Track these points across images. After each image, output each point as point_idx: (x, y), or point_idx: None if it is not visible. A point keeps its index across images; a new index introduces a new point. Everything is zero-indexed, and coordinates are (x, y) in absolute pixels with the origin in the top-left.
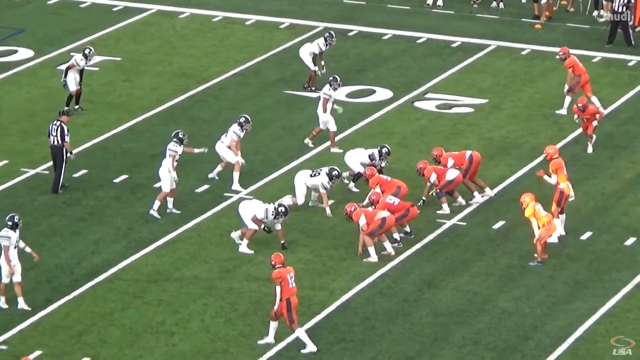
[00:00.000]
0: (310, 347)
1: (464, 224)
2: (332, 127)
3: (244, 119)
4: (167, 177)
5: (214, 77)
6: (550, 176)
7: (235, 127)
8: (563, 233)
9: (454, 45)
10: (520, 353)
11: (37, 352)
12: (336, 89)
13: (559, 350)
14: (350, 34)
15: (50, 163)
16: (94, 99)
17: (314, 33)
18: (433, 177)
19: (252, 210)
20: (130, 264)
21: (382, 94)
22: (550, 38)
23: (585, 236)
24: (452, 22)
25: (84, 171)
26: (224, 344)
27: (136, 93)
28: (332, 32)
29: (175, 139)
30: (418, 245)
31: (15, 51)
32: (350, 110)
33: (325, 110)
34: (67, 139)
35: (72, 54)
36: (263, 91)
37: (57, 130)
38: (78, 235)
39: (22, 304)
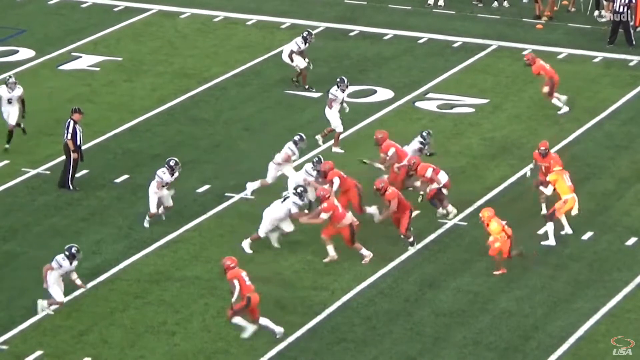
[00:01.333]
0: (249, 330)
1: (465, 224)
2: (339, 128)
3: (298, 137)
4: (152, 198)
5: (215, 78)
6: (546, 186)
7: (290, 144)
8: (553, 243)
9: (455, 45)
10: (522, 353)
11: (38, 352)
12: (344, 90)
13: (560, 350)
14: (352, 34)
15: (52, 163)
16: (94, 99)
17: (315, 33)
18: (429, 173)
19: (279, 211)
20: (132, 264)
21: (384, 94)
22: (552, 38)
23: (586, 236)
24: (453, 22)
25: (85, 171)
26: (225, 344)
27: (137, 93)
28: (310, 31)
29: (166, 166)
30: (419, 246)
31: (17, 51)
32: (351, 110)
33: (330, 109)
34: (69, 136)
35: (72, 53)
36: (264, 91)
37: (66, 127)
38: (79, 235)
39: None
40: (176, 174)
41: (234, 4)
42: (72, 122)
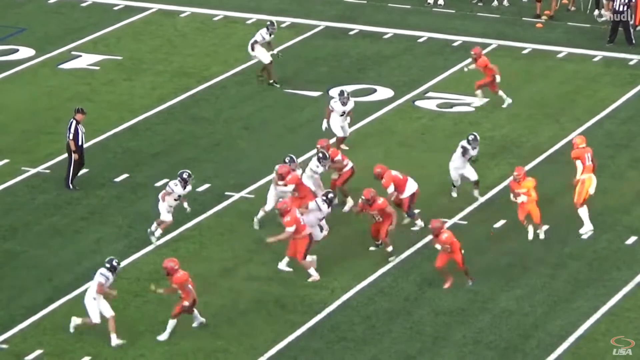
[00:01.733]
0: (165, 334)
1: (465, 222)
2: (339, 133)
3: (322, 154)
4: (162, 207)
5: (215, 76)
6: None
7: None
8: (590, 227)
9: (455, 44)
10: (522, 352)
11: (38, 351)
12: (344, 103)
13: (560, 349)
14: (351, 32)
15: (52, 162)
16: (94, 98)
17: (314, 32)
18: (391, 189)
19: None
20: (132, 262)
21: (383, 92)
22: (552, 37)
23: (586, 235)
24: (453, 21)
25: (84, 170)
26: (225, 343)
27: (137, 92)
28: (273, 21)
29: (179, 178)
30: (419, 245)
31: (17, 50)
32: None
33: (327, 119)
34: (70, 136)
35: (72, 52)
36: (264, 90)
37: (68, 127)
38: (79, 234)
39: (114, 340)
40: (189, 187)
41: (233, 2)
42: (74, 122)
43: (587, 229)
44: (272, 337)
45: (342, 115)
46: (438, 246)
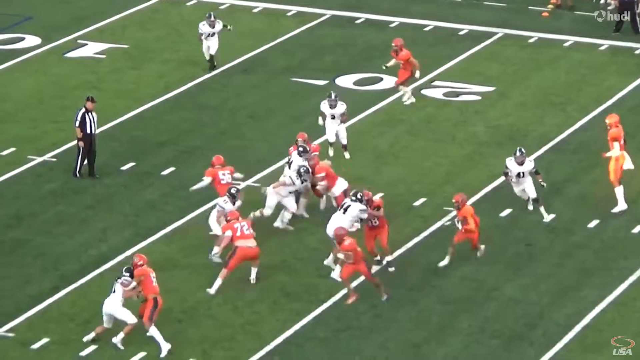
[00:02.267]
0: (164, 347)
1: None
2: (331, 138)
3: (302, 148)
4: (216, 226)
5: (221, 65)
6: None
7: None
8: (625, 206)
9: (461, 33)
10: (528, 341)
11: (44, 340)
12: (332, 106)
13: (566, 338)
14: (358, 21)
15: (58, 150)
16: (100, 87)
17: (321, 21)
18: (322, 175)
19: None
20: (138, 251)
21: (389, 81)
22: (558, 26)
23: (592, 224)
24: (459, 10)
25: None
26: (231, 332)
27: (143, 80)
28: (212, 14)
29: (227, 194)
30: (425, 233)
31: (23, 38)
32: (358, 98)
33: (323, 120)
34: (77, 123)
35: (78, 41)
36: (270, 79)
37: (76, 115)
38: (85, 223)
39: (118, 339)
40: (238, 202)
41: None
42: (82, 110)
43: (620, 208)
44: (278, 325)
45: (333, 119)
46: (341, 255)
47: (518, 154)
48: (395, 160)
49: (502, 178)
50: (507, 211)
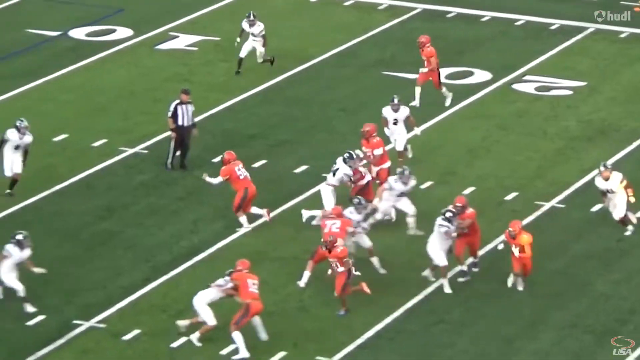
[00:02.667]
0: (243, 353)
1: (563, 206)
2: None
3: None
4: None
5: (312, 58)
6: None
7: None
8: None
9: (552, 27)
10: (619, 336)
11: (136, 331)
12: (395, 110)
13: None
14: (449, 15)
15: (149, 142)
16: (192, 79)
17: (412, 14)
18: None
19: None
20: (229, 243)
21: (481, 75)
22: None
23: None
24: (550, 5)
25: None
26: (322, 324)
27: (234, 73)
28: (252, 13)
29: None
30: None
31: (114, 30)
32: (449, 91)
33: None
34: (169, 114)
35: (170, 33)
36: (361, 72)
37: (169, 106)
38: (176, 215)
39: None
40: (366, 211)
41: None
42: (176, 102)
43: None
44: (369, 319)
45: (395, 124)
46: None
47: (602, 168)
48: (486, 154)
49: (595, 172)
50: (598, 206)
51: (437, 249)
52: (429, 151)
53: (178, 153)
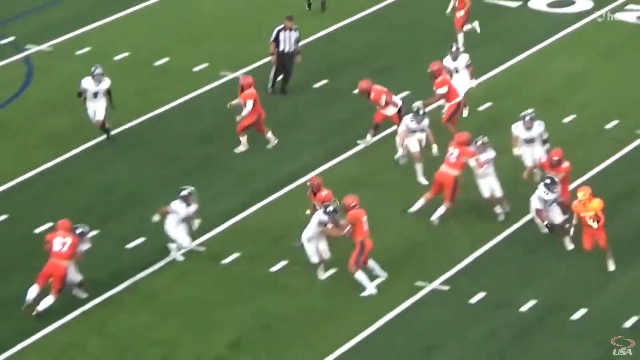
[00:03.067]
0: (370, 290)
1: None
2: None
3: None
4: None
5: None
6: None
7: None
8: None
9: None
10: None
11: (234, 255)
12: (455, 58)
13: None
14: None
15: (250, 67)
16: (292, 4)
17: None
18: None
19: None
20: (329, 169)
21: (583, 4)
22: None
23: None
24: None
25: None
26: (421, 249)
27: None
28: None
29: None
30: (616, 156)
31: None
32: (549, 21)
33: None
34: (271, 39)
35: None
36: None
37: (273, 31)
38: (279, 139)
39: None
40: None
41: None
42: (279, 27)
43: None
44: (468, 244)
45: (457, 72)
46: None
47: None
48: (586, 83)
49: None
50: None
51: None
52: (528, 80)
53: (280, 78)
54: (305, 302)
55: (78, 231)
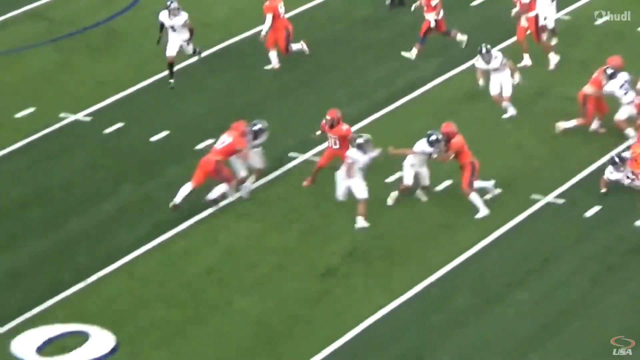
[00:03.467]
0: (483, 211)
1: None
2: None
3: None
4: None
5: None
6: None
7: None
8: None
9: None
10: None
11: None
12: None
13: None
14: None
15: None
16: None
17: None
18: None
19: None
20: (444, 81)
21: None
22: None
23: None
24: None
25: None
26: (536, 163)
27: None
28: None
29: None
30: None
31: None
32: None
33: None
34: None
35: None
36: None
37: None
38: (394, 50)
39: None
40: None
41: None
42: None
43: None
44: (586, 159)
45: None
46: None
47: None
48: (621, 42)
49: None
50: None
51: None
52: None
53: None
54: (421, 213)
55: (255, 127)
